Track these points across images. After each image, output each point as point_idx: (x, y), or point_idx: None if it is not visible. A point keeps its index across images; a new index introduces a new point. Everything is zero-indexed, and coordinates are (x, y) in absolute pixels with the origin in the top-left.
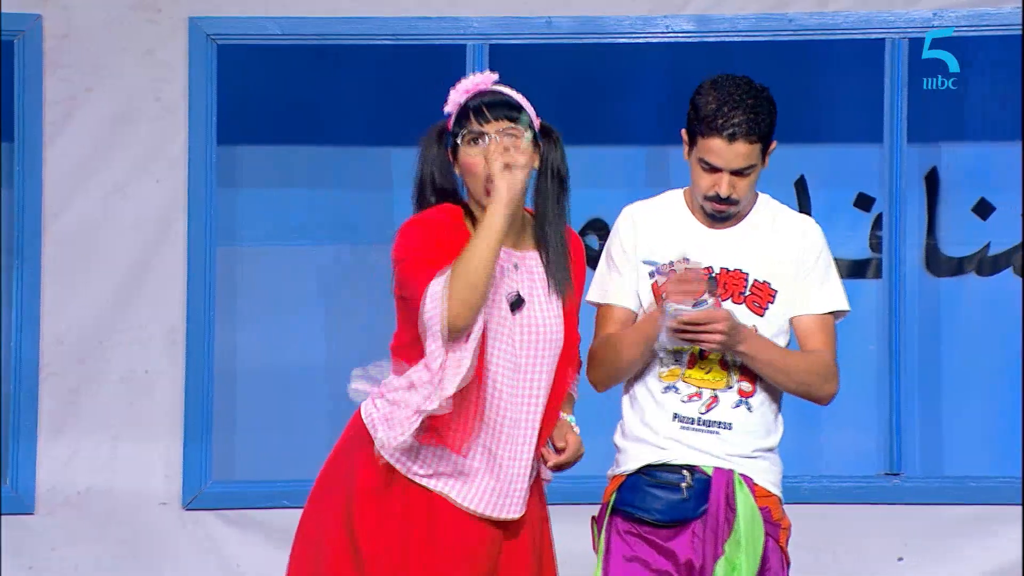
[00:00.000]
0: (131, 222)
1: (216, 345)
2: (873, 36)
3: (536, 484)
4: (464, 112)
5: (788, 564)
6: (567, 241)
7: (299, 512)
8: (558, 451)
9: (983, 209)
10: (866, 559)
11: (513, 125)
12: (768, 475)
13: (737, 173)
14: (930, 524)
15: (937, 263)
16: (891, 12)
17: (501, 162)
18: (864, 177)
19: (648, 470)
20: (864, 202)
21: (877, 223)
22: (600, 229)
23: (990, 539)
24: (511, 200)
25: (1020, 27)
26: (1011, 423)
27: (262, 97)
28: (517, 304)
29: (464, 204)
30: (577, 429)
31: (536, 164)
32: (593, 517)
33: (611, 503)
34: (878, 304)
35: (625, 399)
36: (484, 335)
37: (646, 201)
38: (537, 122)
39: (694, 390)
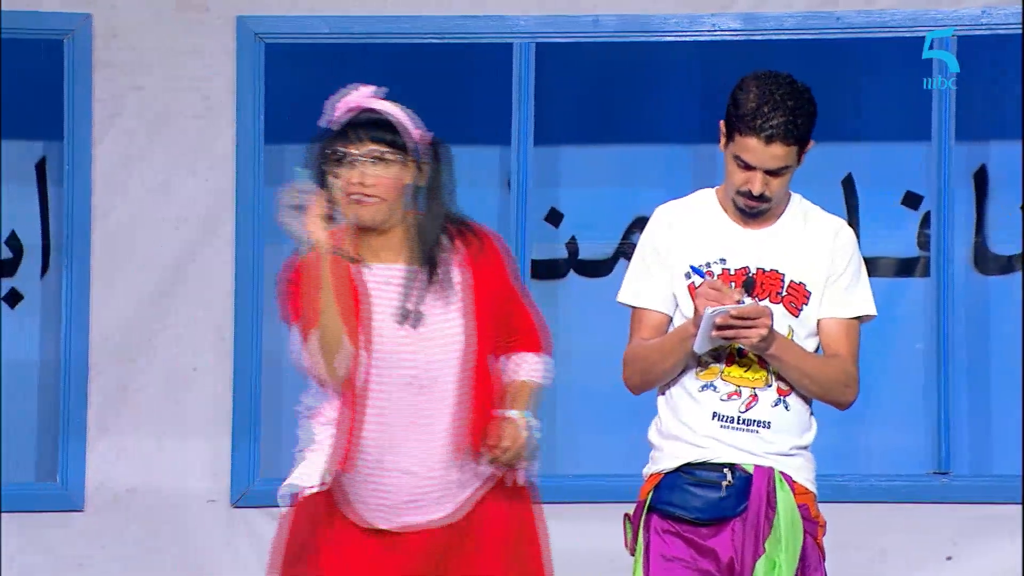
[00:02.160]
0: (178, 220)
1: (264, 342)
2: (920, 34)
3: (501, 486)
4: (336, 132)
5: (824, 559)
6: (462, 237)
7: None
8: (491, 448)
9: None
10: (915, 558)
11: (381, 149)
12: (805, 472)
13: (772, 172)
14: (979, 523)
15: (985, 261)
16: (938, 10)
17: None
18: (912, 175)
19: (687, 468)
20: (912, 200)
21: (925, 221)
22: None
23: None
24: (314, 245)
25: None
26: None
27: (309, 96)
28: (404, 317)
29: None
30: (523, 422)
31: (419, 181)
32: (627, 515)
33: (648, 501)
34: (926, 302)
35: (660, 397)
36: (368, 352)
37: (678, 201)
38: (424, 138)
39: (733, 388)
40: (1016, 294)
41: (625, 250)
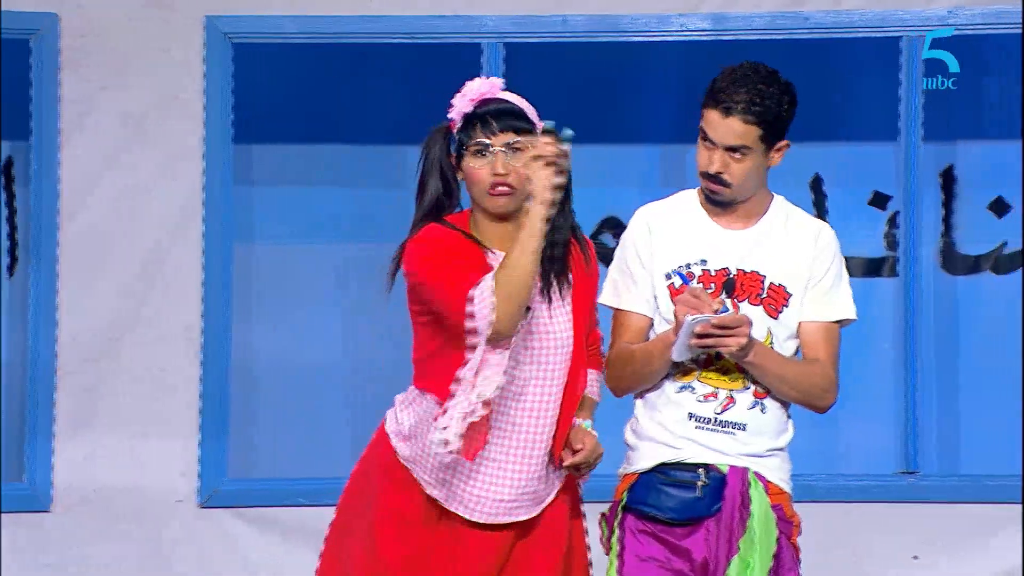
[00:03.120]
0: (147, 220)
1: (233, 343)
2: (889, 34)
3: (566, 487)
4: (469, 121)
5: (799, 558)
6: (576, 244)
7: (315, 510)
8: (574, 452)
9: (999, 207)
10: (882, 557)
11: (518, 137)
12: (780, 472)
13: (732, 152)
14: (947, 523)
15: (953, 261)
16: (907, 10)
17: (533, 155)
18: (880, 175)
19: (662, 468)
20: (880, 200)
21: (893, 221)
22: (615, 227)
23: (1007, 538)
24: (547, 199)
25: (1021, 26)
26: None
27: (278, 95)
28: (525, 311)
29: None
30: (594, 433)
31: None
32: (603, 514)
33: (623, 501)
34: (894, 302)
35: (637, 399)
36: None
37: (659, 203)
38: (540, 126)
39: (710, 390)
40: (983, 295)
41: (596, 250)
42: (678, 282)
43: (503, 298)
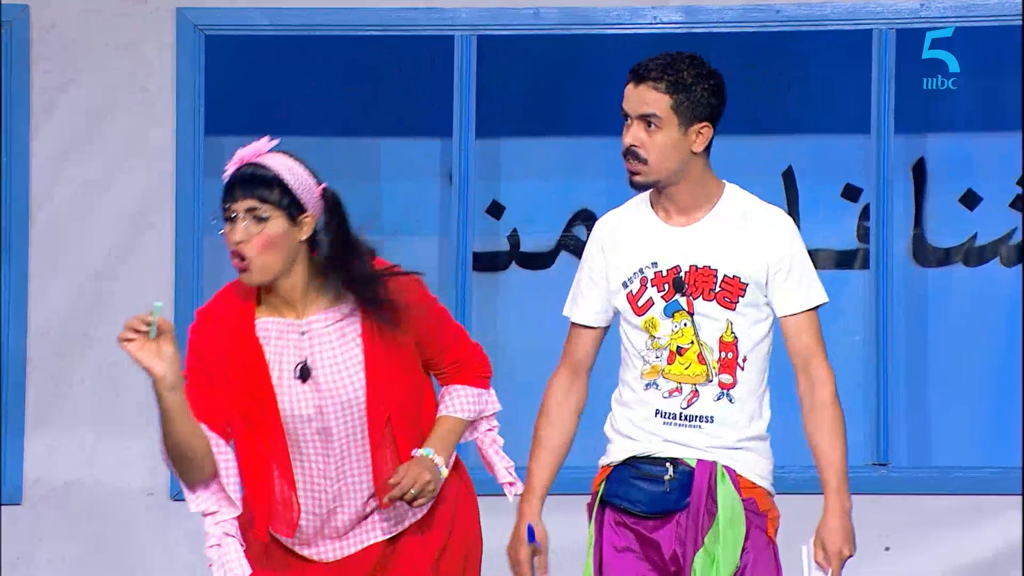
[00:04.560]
0: (118, 213)
1: None
2: (860, 27)
3: (429, 524)
4: (223, 188)
5: (777, 553)
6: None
7: None
8: (390, 486)
9: (970, 200)
10: None
11: (261, 205)
12: (754, 467)
13: (644, 123)
14: (917, 514)
15: (924, 253)
16: (878, 3)
17: (138, 346)
18: (851, 168)
19: (633, 461)
20: (851, 193)
21: (864, 214)
22: (588, 220)
23: (977, 529)
24: (162, 377)
25: (1013, 18)
26: (998, 413)
27: (249, 87)
28: (304, 374)
29: None
30: (433, 459)
31: (301, 235)
32: (588, 505)
33: (600, 493)
34: (865, 294)
35: (614, 393)
36: (278, 412)
37: (614, 212)
38: (319, 188)
39: (674, 386)
40: (954, 287)
41: (566, 243)
42: (635, 288)
43: (172, 460)
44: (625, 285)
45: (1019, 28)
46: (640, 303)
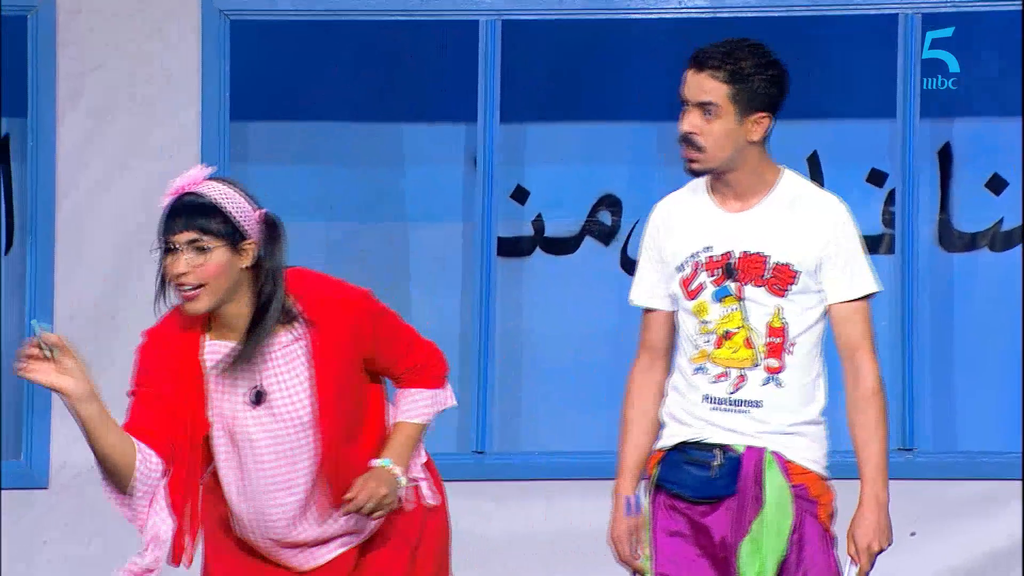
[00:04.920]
0: (143, 197)
1: None
2: (886, 11)
3: (396, 522)
4: (161, 220)
5: (832, 541)
6: (315, 311)
7: None
8: (347, 500)
9: (996, 184)
10: None
11: (202, 236)
12: (805, 452)
13: (702, 110)
14: (943, 499)
15: (950, 239)
16: None
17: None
18: (877, 153)
19: (683, 447)
20: (877, 178)
21: (890, 199)
22: (612, 205)
23: (1003, 515)
24: (73, 392)
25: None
26: None
27: (274, 72)
28: (258, 399)
29: None
30: (391, 470)
31: (245, 262)
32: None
33: (654, 477)
34: (890, 280)
35: (670, 379)
36: (220, 432)
37: (672, 196)
38: (257, 214)
39: (721, 370)
40: (980, 272)
41: (591, 228)
42: (688, 272)
43: (102, 472)
44: (679, 269)
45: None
46: (692, 287)
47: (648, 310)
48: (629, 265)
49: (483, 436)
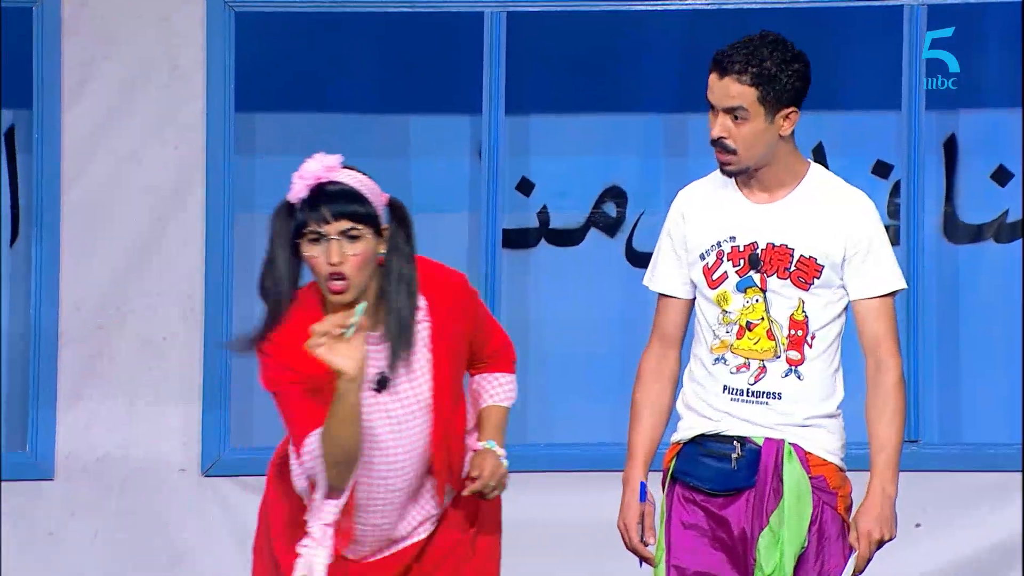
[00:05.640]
0: (148, 189)
1: (234, 311)
2: (892, 3)
3: (458, 505)
4: (304, 208)
5: (847, 531)
6: (437, 292)
7: None
8: (472, 479)
9: (1001, 176)
10: None
11: (354, 224)
12: (824, 443)
13: (731, 115)
14: (948, 491)
15: (955, 230)
16: None
17: (328, 347)
18: (882, 144)
19: (701, 439)
20: (882, 169)
21: (895, 190)
22: (618, 196)
23: (1008, 506)
24: (353, 376)
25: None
26: None
27: (279, 64)
28: (382, 384)
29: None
30: (498, 451)
31: (381, 247)
32: (661, 481)
33: (671, 470)
34: None
35: (686, 368)
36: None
37: (698, 183)
38: (384, 198)
39: (742, 361)
40: (985, 263)
41: (596, 219)
42: (711, 261)
43: (331, 464)
44: (702, 257)
45: None
46: (715, 276)
47: (663, 296)
48: (634, 257)
49: None
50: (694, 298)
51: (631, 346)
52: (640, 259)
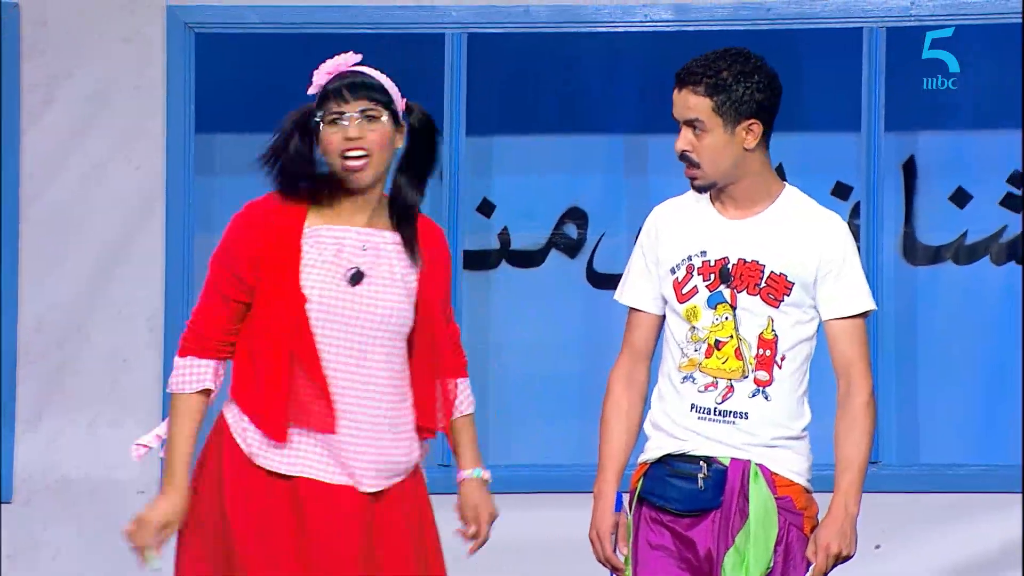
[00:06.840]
0: (109, 209)
1: None
2: (851, 25)
3: (416, 471)
4: (325, 94)
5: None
6: (428, 226)
7: None
8: (471, 534)
9: (960, 198)
10: None
11: (372, 105)
12: (790, 464)
13: (692, 128)
14: (907, 512)
15: (914, 252)
16: (869, 1)
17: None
18: (842, 166)
19: (668, 460)
20: (842, 191)
21: (855, 212)
22: (579, 218)
23: (967, 527)
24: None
25: (1005, 16)
26: (988, 411)
27: (240, 85)
28: (356, 278)
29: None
30: (486, 476)
31: (399, 144)
32: (628, 501)
33: (638, 490)
34: None
35: (655, 388)
36: (307, 318)
37: (675, 198)
38: (402, 103)
39: (710, 380)
40: (944, 285)
41: (557, 241)
42: (682, 275)
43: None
44: (673, 271)
45: (1016, 26)
46: (684, 290)
47: (634, 310)
48: (595, 278)
49: (449, 449)
50: (664, 315)
51: (592, 368)
52: (601, 280)
